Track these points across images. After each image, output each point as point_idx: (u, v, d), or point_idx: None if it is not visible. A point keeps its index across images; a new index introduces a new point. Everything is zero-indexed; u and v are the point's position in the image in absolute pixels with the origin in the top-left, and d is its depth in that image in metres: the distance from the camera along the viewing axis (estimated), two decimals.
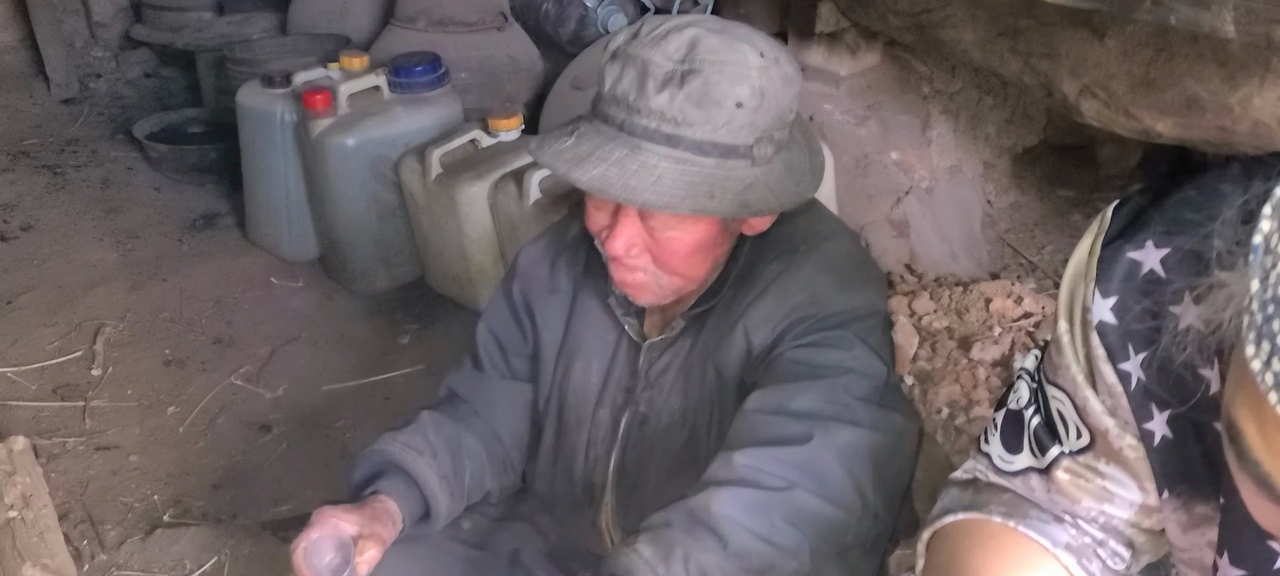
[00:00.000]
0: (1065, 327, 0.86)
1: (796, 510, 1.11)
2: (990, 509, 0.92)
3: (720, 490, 1.12)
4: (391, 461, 1.38)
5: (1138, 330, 0.81)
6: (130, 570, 1.95)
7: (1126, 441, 0.86)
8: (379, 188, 2.74)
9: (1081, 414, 0.87)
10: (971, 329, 2.29)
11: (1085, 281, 0.83)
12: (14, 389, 2.50)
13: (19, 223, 3.26)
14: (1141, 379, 0.82)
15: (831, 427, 1.14)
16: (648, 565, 1.07)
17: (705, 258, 1.25)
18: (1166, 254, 0.79)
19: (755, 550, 1.09)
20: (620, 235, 1.21)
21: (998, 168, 3.15)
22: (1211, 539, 0.85)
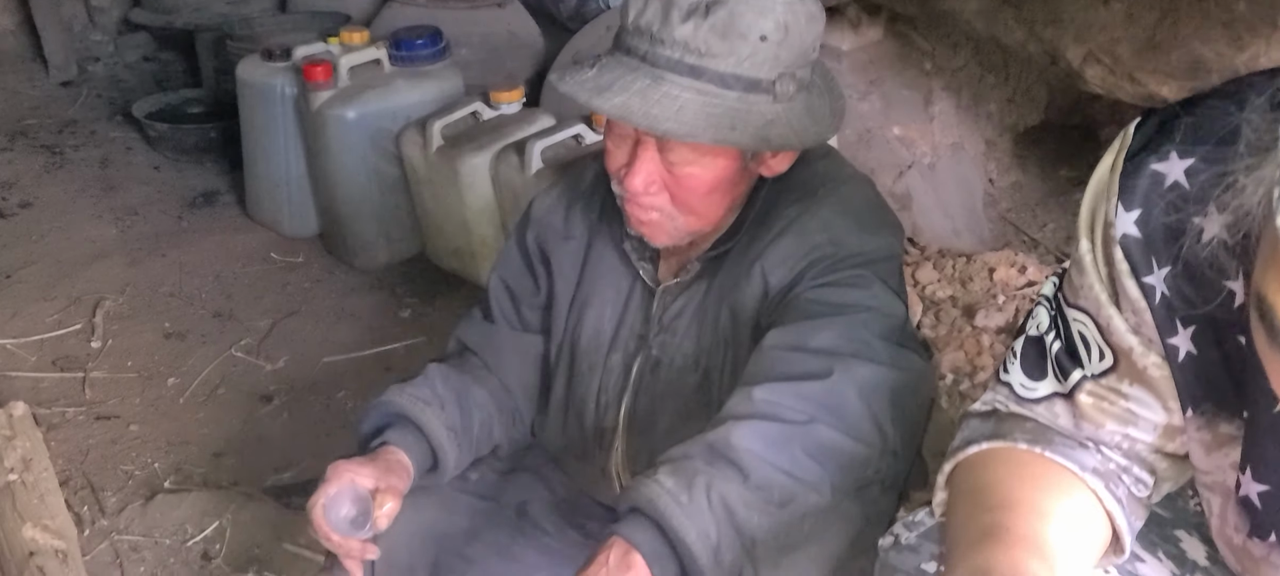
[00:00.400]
0: (1087, 247, 0.86)
1: (817, 444, 1.10)
2: (1015, 437, 0.92)
3: (740, 424, 1.11)
4: (399, 412, 1.37)
5: (1162, 242, 0.80)
6: (131, 535, 1.94)
7: (1151, 359, 0.85)
8: (380, 161, 2.73)
9: (1104, 334, 0.87)
10: (975, 297, 2.29)
11: (1108, 197, 0.83)
12: (13, 360, 2.49)
13: (17, 200, 3.24)
14: (1165, 293, 0.81)
15: (851, 364, 1.14)
16: (670, 494, 1.06)
17: (723, 197, 1.25)
18: (1191, 163, 0.79)
19: (777, 482, 1.08)
20: (639, 171, 1.21)
21: (999, 146, 3.15)
22: (1234, 460, 0.84)
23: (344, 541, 1.28)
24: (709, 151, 1.19)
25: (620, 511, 1.12)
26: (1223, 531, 0.88)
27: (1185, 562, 0.98)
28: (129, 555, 1.90)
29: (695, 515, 1.06)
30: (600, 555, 1.08)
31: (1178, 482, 0.94)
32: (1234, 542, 0.87)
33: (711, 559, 1.06)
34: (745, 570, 1.08)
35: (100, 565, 1.87)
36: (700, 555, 1.05)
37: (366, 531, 1.28)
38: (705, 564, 1.06)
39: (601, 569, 1.07)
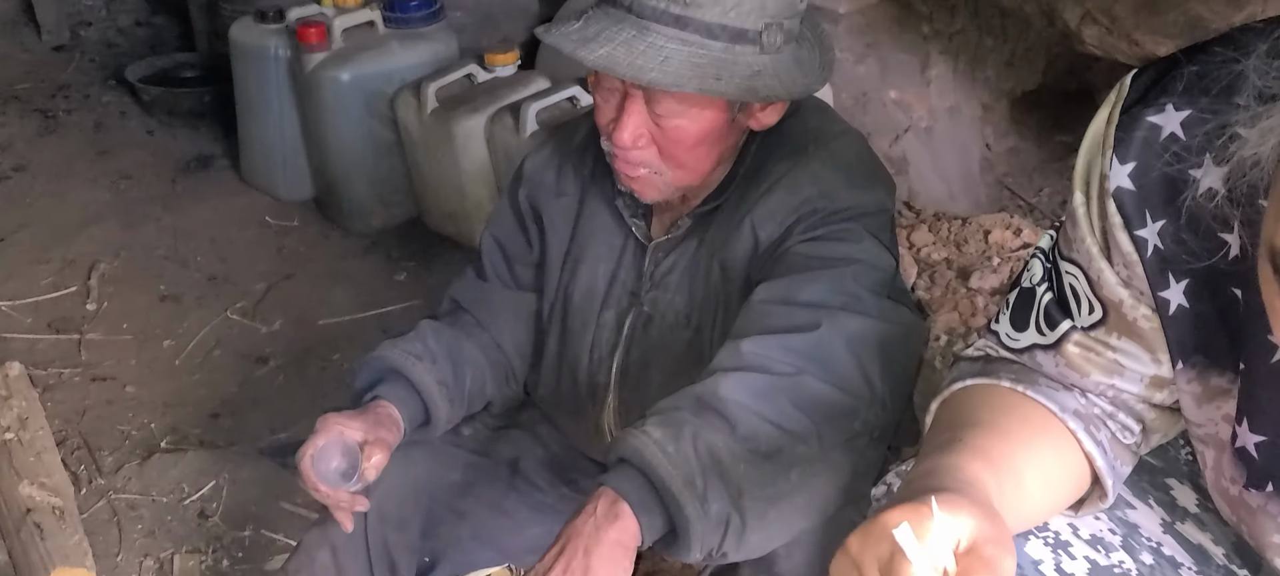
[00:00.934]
0: (1081, 199, 0.86)
1: (804, 395, 1.10)
2: (1000, 376, 0.93)
3: (728, 376, 1.11)
4: (391, 367, 1.38)
5: (1156, 195, 0.80)
6: (128, 493, 1.95)
7: (1141, 312, 0.86)
8: (374, 124, 2.72)
9: (1094, 287, 0.87)
10: (970, 259, 2.29)
11: (1103, 150, 0.83)
12: (9, 322, 2.49)
13: (11, 164, 3.23)
14: (1159, 246, 0.81)
15: (840, 316, 1.14)
16: (657, 444, 1.07)
17: (710, 150, 1.24)
18: (1188, 115, 0.79)
19: (764, 433, 1.09)
20: (627, 124, 1.21)
21: (996, 111, 3.14)
22: (1227, 412, 0.84)
23: (333, 493, 1.29)
24: (696, 103, 1.19)
25: (609, 462, 1.13)
26: (1218, 482, 0.89)
27: (1176, 509, 0.99)
28: (126, 513, 1.91)
29: (681, 464, 1.07)
30: (588, 504, 1.09)
31: (1168, 434, 0.95)
32: (1229, 493, 0.87)
33: (698, 508, 1.06)
34: (732, 519, 1.08)
35: (98, 523, 1.88)
36: (686, 504, 1.06)
37: (355, 483, 1.28)
38: (691, 513, 1.06)
39: (589, 518, 1.08)
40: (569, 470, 1.50)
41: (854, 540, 0.73)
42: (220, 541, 1.85)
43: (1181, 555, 0.96)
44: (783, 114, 1.28)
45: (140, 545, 1.85)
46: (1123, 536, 0.95)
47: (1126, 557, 0.94)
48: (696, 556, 1.08)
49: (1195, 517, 0.98)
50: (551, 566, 1.06)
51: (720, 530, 1.06)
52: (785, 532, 1.12)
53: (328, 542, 1.36)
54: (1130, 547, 0.95)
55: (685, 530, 1.06)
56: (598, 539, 1.05)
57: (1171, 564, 0.95)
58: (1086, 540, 0.94)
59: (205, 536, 1.86)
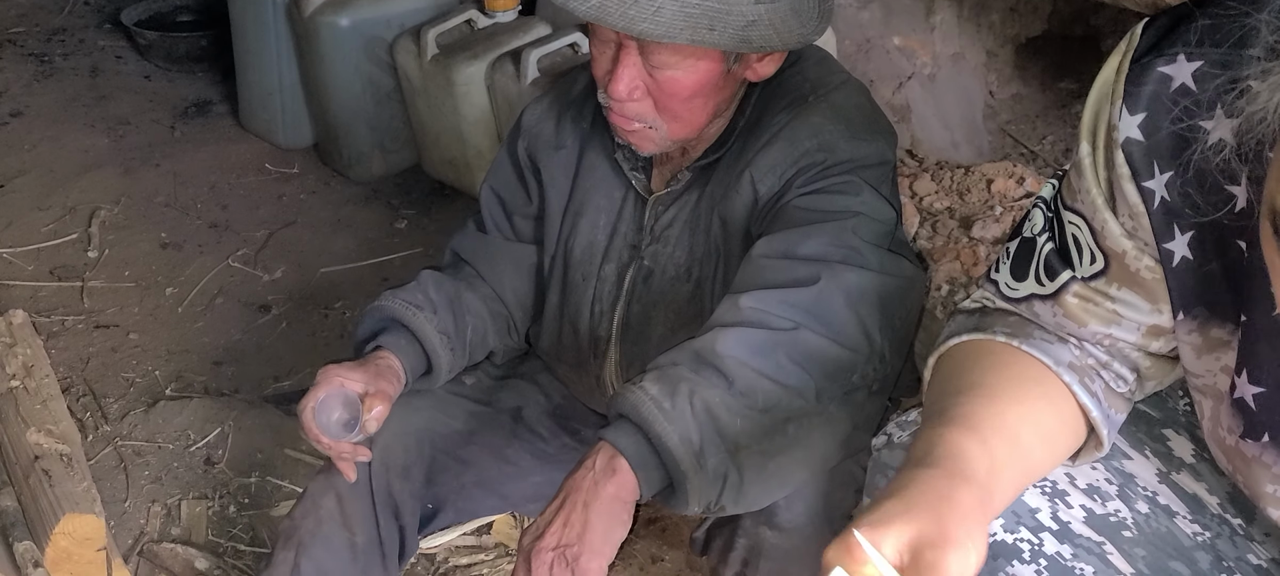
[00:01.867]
0: (1087, 150, 0.86)
1: (802, 350, 1.11)
2: (994, 330, 0.93)
3: (726, 331, 1.12)
4: (392, 317, 1.38)
5: (1165, 146, 0.80)
6: (134, 440, 1.97)
7: (1144, 263, 0.86)
8: (374, 70, 2.70)
9: (1098, 238, 0.87)
10: (973, 209, 2.29)
11: (1112, 100, 0.83)
12: (10, 269, 2.49)
13: (8, 109, 3.21)
14: (1165, 197, 0.81)
15: (839, 270, 1.14)
16: (653, 401, 1.08)
17: (706, 102, 1.24)
18: (1199, 66, 0.78)
19: (761, 388, 1.09)
20: (622, 76, 1.20)
21: (1001, 57, 3.11)
22: (1226, 364, 0.85)
23: (335, 443, 1.31)
24: (690, 54, 1.18)
25: (609, 417, 1.13)
26: (1214, 432, 0.90)
27: (1172, 460, 1.00)
28: (133, 460, 1.93)
29: (678, 421, 1.07)
30: (588, 459, 1.10)
31: (1162, 382, 0.96)
32: (1226, 443, 0.88)
33: (694, 463, 1.07)
34: (729, 474, 1.09)
35: (105, 469, 1.90)
36: (682, 459, 1.07)
37: (356, 434, 1.30)
38: (688, 468, 1.07)
39: (588, 473, 1.09)
40: (570, 419, 1.51)
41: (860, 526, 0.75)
42: (226, 487, 1.87)
43: (1177, 504, 0.97)
44: (781, 64, 1.27)
45: (148, 491, 1.87)
46: (1119, 486, 0.96)
47: (1122, 506, 0.95)
48: (695, 509, 1.09)
49: (1191, 468, 0.99)
50: (552, 520, 1.07)
51: (717, 484, 1.08)
52: (784, 485, 1.13)
53: (333, 489, 1.38)
54: (1126, 497, 0.96)
55: (682, 485, 1.08)
56: (596, 493, 1.07)
57: (1167, 513, 0.96)
58: (1083, 489, 0.95)
59: (211, 482, 1.88)
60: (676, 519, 1.76)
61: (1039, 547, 0.92)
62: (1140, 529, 0.94)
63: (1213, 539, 0.96)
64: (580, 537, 1.05)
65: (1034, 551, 0.92)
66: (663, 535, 1.74)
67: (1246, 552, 0.96)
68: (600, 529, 1.06)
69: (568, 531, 1.05)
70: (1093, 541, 0.93)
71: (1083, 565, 0.91)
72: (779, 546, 1.24)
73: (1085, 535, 0.93)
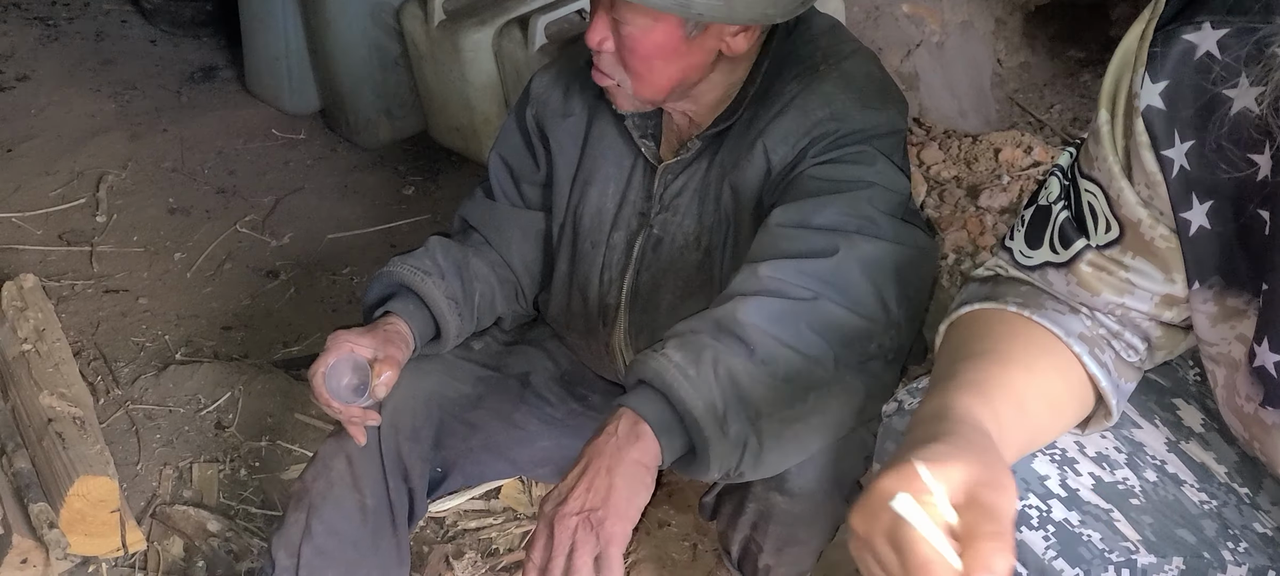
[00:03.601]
0: (1106, 117, 0.86)
1: (822, 319, 1.11)
2: (1006, 300, 0.93)
3: (746, 300, 1.12)
4: (401, 283, 1.39)
5: (1187, 115, 0.80)
6: (145, 404, 1.98)
7: (1159, 232, 0.86)
8: (380, 35, 2.69)
9: (1114, 206, 0.87)
10: (980, 178, 2.29)
11: (1135, 67, 0.82)
12: (19, 234, 2.49)
13: (14, 73, 3.20)
14: (1185, 166, 0.81)
15: (856, 241, 1.15)
16: (678, 368, 1.08)
17: (666, 65, 1.24)
18: (1224, 34, 0.78)
19: (782, 357, 1.10)
20: (595, 28, 1.24)
21: (1009, 25, 3.10)
22: (1241, 332, 0.85)
23: (345, 408, 1.32)
24: (646, 14, 1.20)
25: (628, 383, 1.14)
26: (1230, 400, 0.90)
27: (1181, 429, 1.01)
28: (144, 423, 1.94)
29: (702, 388, 1.08)
30: (609, 425, 1.11)
31: (1173, 352, 0.96)
32: (1244, 411, 0.88)
33: (717, 430, 1.08)
34: (750, 441, 1.10)
35: (117, 433, 1.91)
36: (707, 426, 1.08)
37: (366, 399, 1.31)
38: (711, 435, 1.08)
39: (610, 438, 1.10)
40: (578, 385, 1.53)
41: (857, 520, 0.74)
42: (237, 451, 1.88)
43: (1185, 473, 0.98)
44: (753, 41, 1.26)
45: (159, 454, 1.88)
46: (1128, 454, 0.97)
47: (1131, 474, 0.96)
48: (714, 476, 1.11)
49: (1200, 437, 1.00)
50: (575, 485, 1.07)
51: (738, 451, 1.09)
52: (800, 452, 1.14)
53: (343, 452, 1.39)
54: (1135, 465, 0.97)
55: (705, 452, 1.08)
56: (620, 458, 1.07)
57: (1174, 481, 0.97)
58: (1092, 457, 0.96)
59: (222, 446, 1.90)
60: (686, 484, 1.77)
61: (1047, 514, 0.93)
62: (1148, 497, 0.95)
63: (1219, 507, 0.96)
64: (605, 502, 1.05)
65: (1042, 517, 0.93)
66: (671, 499, 1.75)
67: (1253, 521, 0.97)
68: (624, 493, 1.06)
69: (592, 496, 1.06)
70: (1100, 508, 0.94)
71: (1090, 531, 0.92)
72: (788, 511, 1.25)
73: (1093, 502, 0.94)
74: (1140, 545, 0.92)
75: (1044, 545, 0.93)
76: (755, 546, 1.31)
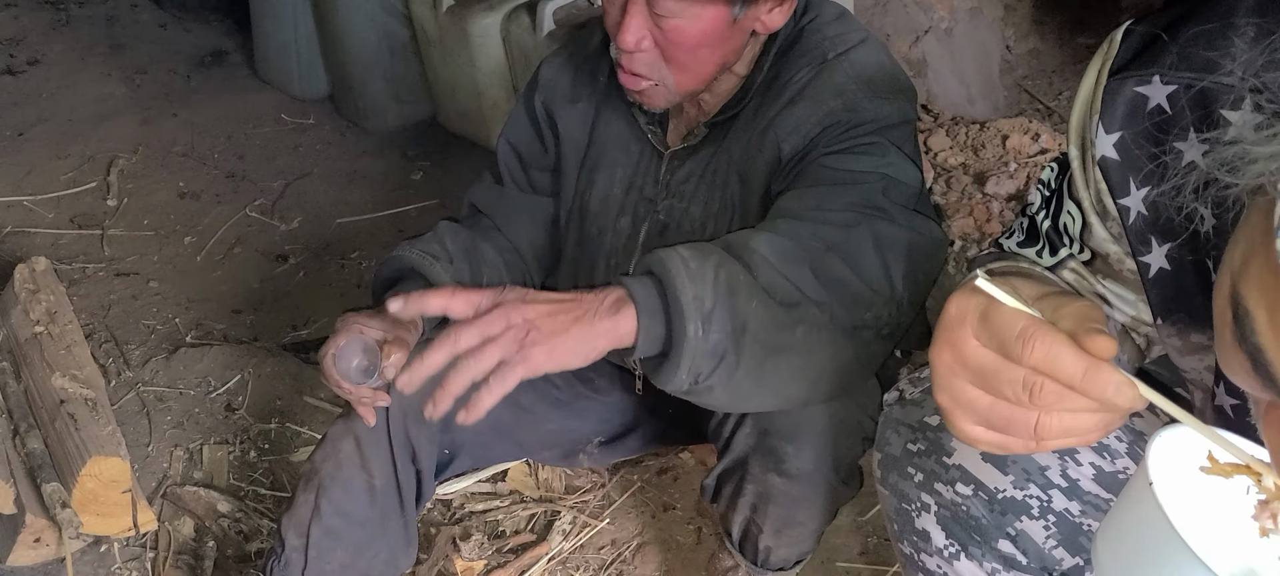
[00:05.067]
0: (1076, 154, 0.86)
1: (827, 272, 1.11)
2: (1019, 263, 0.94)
3: (760, 234, 1.12)
4: (409, 267, 1.40)
5: (1141, 165, 0.80)
6: (156, 386, 2.00)
7: (1128, 265, 0.86)
8: (389, 21, 2.70)
9: (1084, 236, 0.88)
10: (987, 165, 2.29)
11: (1091, 113, 0.82)
12: (31, 217, 2.52)
13: (25, 57, 3.22)
14: (1142, 212, 0.81)
15: (871, 220, 1.15)
16: (681, 260, 1.06)
17: (712, 52, 1.24)
18: (1174, 90, 0.77)
19: (781, 287, 1.09)
20: (629, 26, 1.20)
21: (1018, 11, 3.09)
22: (1209, 364, 0.85)
23: (355, 389, 1.33)
24: (695, 2, 1.18)
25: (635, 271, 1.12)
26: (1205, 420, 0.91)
27: None
28: (155, 405, 1.96)
29: (697, 281, 1.06)
30: (600, 292, 1.08)
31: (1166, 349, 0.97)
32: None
33: (699, 324, 1.05)
34: (728, 354, 1.07)
35: (128, 414, 1.93)
36: (689, 315, 1.04)
37: (376, 381, 1.32)
38: (692, 330, 1.05)
39: (596, 301, 1.07)
40: (585, 369, 1.53)
41: (940, 346, 0.68)
42: (247, 433, 1.90)
43: None
44: (796, 19, 1.26)
45: (170, 435, 1.90)
46: (1128, 443, 0.98)
47: (1131, 464, 0.97)
48: (682, 379, 1.07)
49: None
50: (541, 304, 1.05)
51: (713, 360, 1.06)
52: (773, 395, 1.12)
53: (352, 434, 1.40)
54: (1135, 455, 0.97)
55: (680, 344, 1.05)
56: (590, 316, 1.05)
57: None
58: (1093, 447, 0.97)
59: (232, 428, 1.92)
60: (690, 468, 1.79)
61: (1048, 503, 0.93)
62: None
63: None
64: (550, 335, 1.03)
65: (1043, 507, 0.93)
66: (674, 483, 1.77)
67: None
68: (571, 342, 1.04)
69: (548, 321, 1.04)
70: (1101, 498, 0.94)
71: (1090, 521, 0.93)
72: (787, 493, 1.26)
73: (1093, 492, 0.95)
74: None
75: (1045, 535, 0.94)
76: (755, 527, 1.32)
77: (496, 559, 1.67)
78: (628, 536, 1.70)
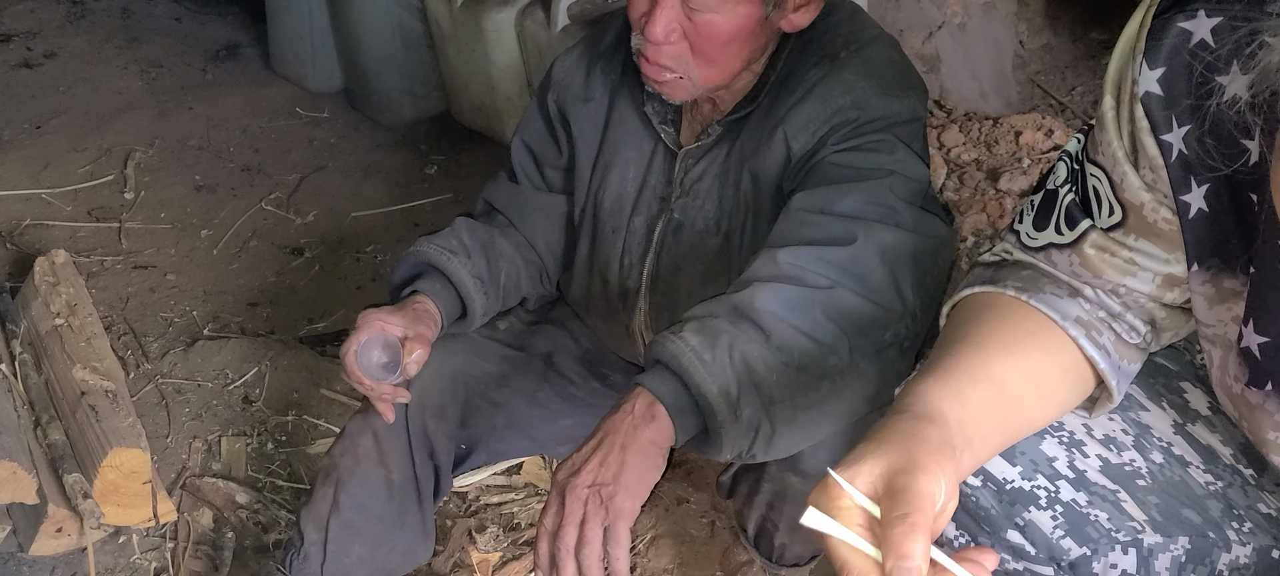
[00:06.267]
0: (1110, 104, 0.88)
1: (838, 307, 1.13)
2: (1005, 284, 0.95)
3: (764, 286, 1.14)
4: (429, 263, 1.42)
5: (1183, 101, 0.82)
6: (174, 378, 2.03)
7: (1162, 215, 0.88)
8: (404, 15, 2.71)
9: (1116, 190, 0.89)
10: (1000, 160, 2.29)
11: (1134, 55, 0.84)
12: (50, 210, 2.54)
13: (42, 50, 3.24)
14: (1182, 150, 0.83)
15: (876, 229, 1.16)
16: (694, 352, 1.10)
17: (742, 48, 1.25)
18: (1218, 22, 0.80)
19: (797, 344, 1.12)
20: (660, 18, 1.21)
21: (1032, 6, 3.09)
22: (1237, 314, 0.87)
23: (376, 385, 1.34)
24: None
25: (645, 363, 1.16)
26: (1222, 381, 0.92)
27: (1187, 411, 1.03)
28: (174, 397, 1.98)
29: (716, 372, 1.10)
30: (626, 403, 1.12)
31: (1178, 333, 0.98)
32: (1233, 391, 0.91)
33: (730, 414, 1.10)
34: (763, 426, 1.12)
35: (147, 406, 1.96)
36: (720, 410, 1.10)
37: (396, 376, 1.33)
38: (724, 419, 1.10)
39: (627, 416, 1.11)
40: (599, 365, 1.55)
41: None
42: (264, 425, 1.93)
43: (1191, 455, 1.00)
44: (815, 14, 1.28)
45: (189, 427, 1.93)
46: (1135, 436, 0.99)
47: (1137, 456, 0.98)
48: (727, 457, 1.13)
49: (1206, 420, 1.02)
50: (588, 459, 1.09)
51: (750, 435, 1.11)
52: (812, 437, 1.17)
53: (370, 429, 1.42)
54: (1141, 447, 0.99)
55: (717, 434, 1.10)
56: (635, 436, 1.09)
57: (1181, 463, 0.99)
58: (1099, 439, 0.98)
59: (250, 420, 1.94)
60: (703, 462, 1.80)
61: (1055, 494, 0.95)
62: (1154, 477, 0.97)
63: (1224, 488, 0.98)
64: (616, 477, 1.07)
65: (1050, 498, 0.95)
66: (689, 477, 1.78)
67: (1257, 502, 0.99)
68: (636, 470, 1.08)
69: (604, 470, 1.08)
70: (1107, 489, 0.96)
71: (1097, 511, 0.95)
72: (803, 492, 1.27)
73: (1100, 483, 0.96)
74: (1146, 525, 0.95)
75: (1052, 525, 0.95)
76: (771, 525, 1.34)
77: (512, 550, 1.69)
78: (642, 529, 1.72)
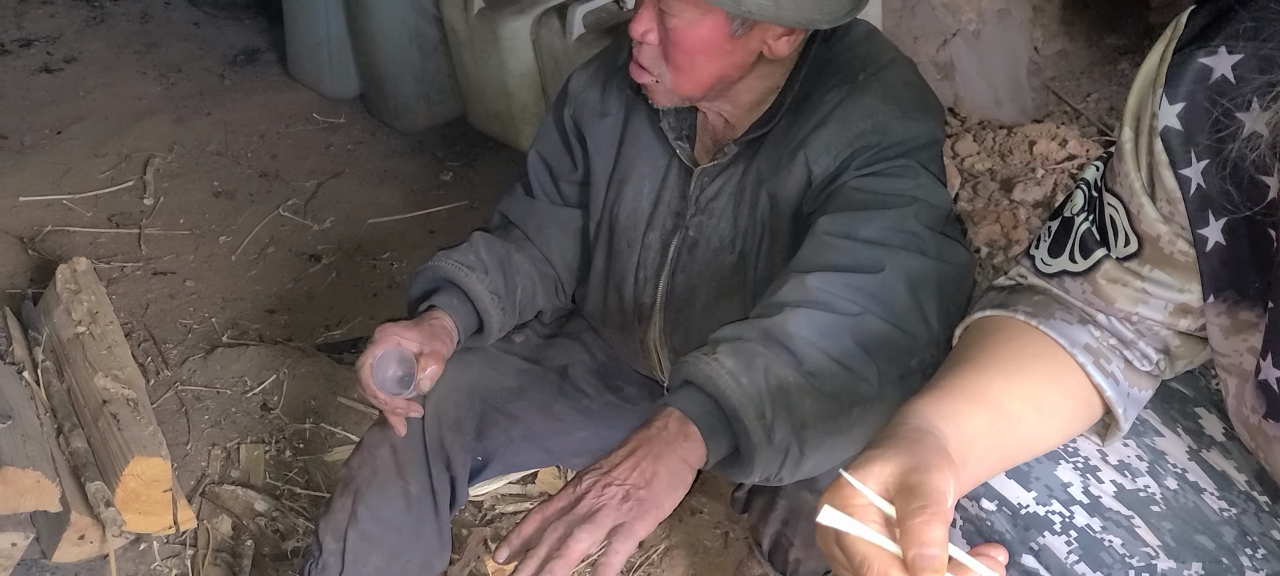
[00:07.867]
0: (1129, 135, 0.88)
1: (867, 334, 1.14)
2: (1016, 308, 0.96)
3: (795, 311, 1.14)
4: (445, 277, 1.43)
5: (1202, 136, 0.83)
6: (193, 385, 2.05)
7: (1178, 247, 0.89)
8: (420, 22, 2.73)
9: (1133, 221, 0.90)
10: (1014, 170, 2.30)
11: (1154, 88, 0.85)
12: (70, 215, 2.57)
13: (62, 55, 3.28)
14: (1201, 185, 0.84)
15: (901, 256, 1.17)
16: (730, 374, 1.10)
17: (710, 61, 1.26)
18: (1239, 60, 0.80)
19: (828, 371, 1.12)
20: (640, 17, 1.25)
21: (1047, 12, 3.08)
22: (1253, 345, 0.88)
23: (390, 399, 1.36)
24: (695, 7, 1.22)
25: (674, 383, 1.16)
26: (1239, 410, 0.93)
27: (1202, 438, 1.03)
28: (193, 404, 2.00)
29: (752, 394, 1.10)
30: (660, 419, 1.12)
31: (1193, 361, 0.98)
32: (1250, 422, 0.91)
33: (764, 437, 1.10)
34: (792, 449, 1.12)
35: (167, 413, 1.98)
36: (754, 433, 1.10)
37: (410, 391, 1.35)
38: (758, 441, 1.10)
39: (661, 431, 1.11)
40: (615, 378, 1.56)
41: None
42: (282, 432, 1.94)
43: (1205, 481, 1.00)
44: (797, 44, 1.28)
45: (208, 434, 1.95)
46: (1149, 462, 1.00)
47: (1152, 482, 0.99)
48: (754, 480, 1.13)
49: (1221, 446, 1.02)
50: (621, 464, 1.08)
51: (780, 458, 1.11)
52: (835, 461, 1.17)
53: (388, 441, 1.44)
54: (1156, 473, 0.99)
55: (749, 457, 1.11)
56: (669, 450, 1.09)
57: (1195, 489, 0.99)
58: (1114, 465, 0.99)
59: (268, 427, 1.96)
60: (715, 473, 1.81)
61: (1070, 519, 0.95)
62: (1168, 503, 0.98)
63: (1239, 515, 0.99)
64: (647, 484, 1.07)
65: (1065, 523, 0.95)
66: (702, 488, 1.79)
67: (1271, 528, 0.99)
68: (666, 482, 1.08)
69: (637, 475, 1.07)
70: (1122, 514, 0.96)
71: (1111, 537, 0.95)
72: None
73: (1115, 508, 0.96)
74: (1160, 551, 0.95)
75: (1067, 550, 0.95)
76: (786, 541, 1.35)
77: None
78: (655, 539, 1.73)
